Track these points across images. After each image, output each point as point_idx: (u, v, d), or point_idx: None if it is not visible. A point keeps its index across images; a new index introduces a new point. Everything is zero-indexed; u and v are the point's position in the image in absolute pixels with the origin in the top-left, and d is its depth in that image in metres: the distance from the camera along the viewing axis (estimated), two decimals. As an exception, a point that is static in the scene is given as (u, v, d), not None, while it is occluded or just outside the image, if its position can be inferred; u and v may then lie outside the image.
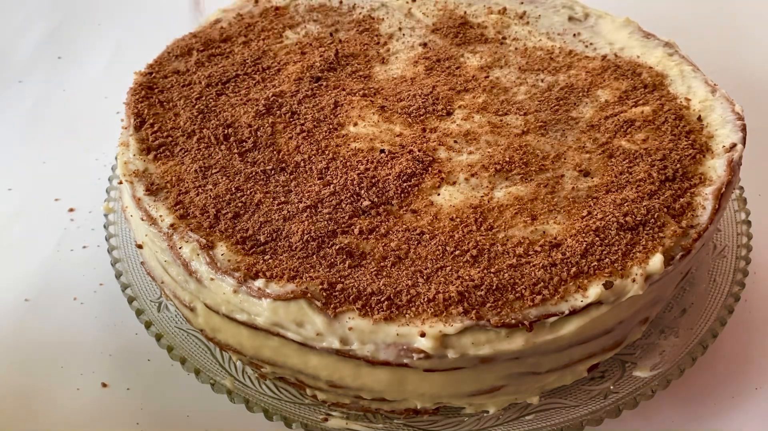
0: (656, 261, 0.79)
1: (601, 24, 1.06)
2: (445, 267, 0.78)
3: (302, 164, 0.88)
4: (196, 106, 0.94)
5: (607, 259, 0.79)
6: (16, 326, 0.98)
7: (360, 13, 1.08)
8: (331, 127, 0.92)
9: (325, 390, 0.84)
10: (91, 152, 1.19)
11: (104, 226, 1.01)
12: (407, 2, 1.09)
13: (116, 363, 0.94)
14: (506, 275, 0.77)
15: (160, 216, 0.83)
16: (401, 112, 0.94)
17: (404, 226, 0.82)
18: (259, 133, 0.91)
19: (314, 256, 0.80)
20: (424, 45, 1.03)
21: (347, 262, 0.79)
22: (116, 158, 0.97)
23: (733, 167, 0.87)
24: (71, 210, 1.12)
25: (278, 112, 0.94)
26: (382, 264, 0.79)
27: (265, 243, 0.81)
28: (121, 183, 0.91)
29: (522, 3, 1.10)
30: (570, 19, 1.07)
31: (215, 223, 0.82)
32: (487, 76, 0.98)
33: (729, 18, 1.45)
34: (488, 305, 0.76)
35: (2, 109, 1.28)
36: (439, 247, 0.80)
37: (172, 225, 0.82)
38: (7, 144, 1.22)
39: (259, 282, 0.77)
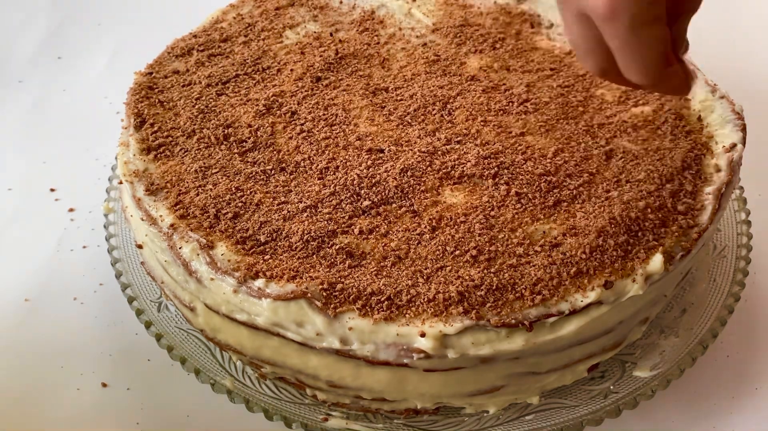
0: (656, 261, 0.79)
1: (601, 24, 1.06)
2: (445, 267, 0.78)
3: (302, 164, 0.88)
4: (196, 106, 0.94)
5: (607, 259, 0.79)
6: (16, 326, 0.98)
7: (360, 13, 1.08)
8: (331, 126, 0.92)
9: (325, 390, 0.84)
10: (91, 152, 1.19)
11: (104, 226, 1.01)
12: (407, 2, 1.09)
13: (116, 363, 0.94)
14: (506, 275, 0.77)
15: (160, 216, 0.83)
16: (401, 112, 0.94)
17: (404, 226, 0.82)
18: (259, 133, 0.91)
19: (314, 256, 0.80)
20: (424, 45, 1.03)
21: (347, 262, 0.79)
22: (116, 158, 0.97)
23: (733, 167, 0.87)
24: (71, 210, 1.12)
25: (278, 112, 0.94)
26: (382, 264, 0.79)
27: (265, 243, 0.81)
28: (121, 183, 0.91)
29: (521, 3, 1.09)
30: (570, 19, 1.07)
31: (215, 223, 0.83)
32: (488, 76, 0.98)
33: (729, 18, 1.45)
34: (488, 305, 0.76)
35: (2, 109, 1.28)
36: (439, 247, 0.80)
37: (172, 225, 0.82)
38: (7, 144, 1.22)
39: (259, 282, 0.78)
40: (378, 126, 0.92)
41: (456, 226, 0.82)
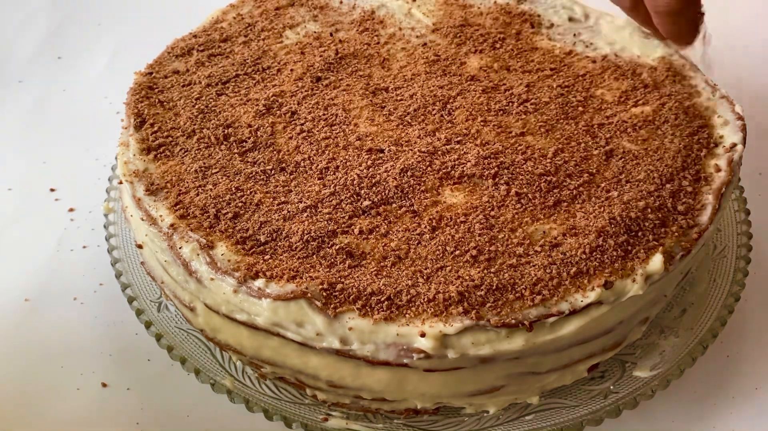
0: (656, 261, 0.79)
1: (601, 24, 1.06)
2: (445, 267, 0.78)
3: (302, 164, 0.88)
4: (196, 106, 0.94)
5: (607, 259, 0.79)
6: (16, 326, 0.98)
7: (360, 13, 1.08)
8: (331, 126, 0.92)
9: (325, 390, 0.84)
10: (91, 152, 1.19)
11: (104, 226, 1.01)
12: (407, 2, 1.09)
13: (116, 363, 0.94)
14: (506, 275, 0.77)
15: (160, 216, 0.83)
16: (401, 112, 0.94)
17: (404, 226, 0.82)
18: (259, 133, 0.91)
19: (314, 256, 0.80)
20: (424, 45, 1.03)
21: (347, 262, 0.79)
22: (116, 158, 0.97)
23: (733, 167, 0.87)
24: (71, 210, 1.12)
25: (278, 112, 0.94)
26: (382, 264, 0.79)
27: (265, 243, 0.81)
28: (121, 183, 0.91)
29: (521, 3, 1.10)
30: (570, 19, 1.07)
31: (215, 223, 0.83)
32: (488, 76, 0.98)
33: (728, 18, 1.45)
34: (488, 305, 0.76)
35: (2, 109, 1.28)
36: (439, 247, 0.80)
37: (172, 225, 0.82)
38: (6, 144, 1.22)
39: (259, 282, 0.78)
40: (378, 126, 0.92)
41: (456, 226, 0.82)
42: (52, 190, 1.15)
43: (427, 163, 0.88)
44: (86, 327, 0.98)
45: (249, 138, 0.91)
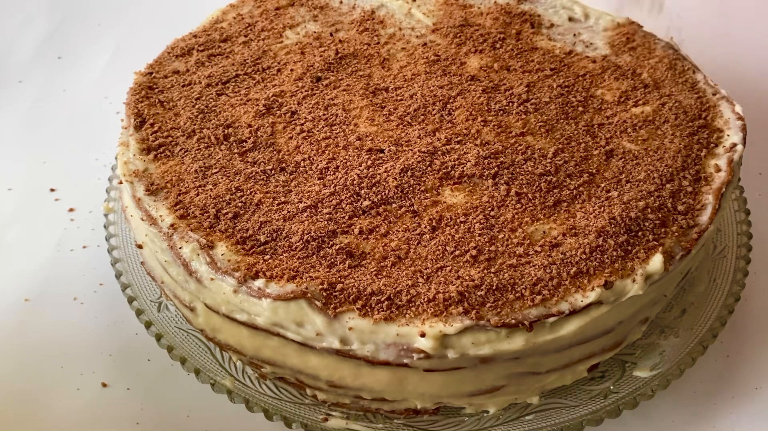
0: (656, 261, 0.79)
1: (601, 24, 1.06)
2: (445, 267, 0.78)
3: (302, 164, 0.88)
4: (196, 106, 0.94)
5: (607, 259, 0.79)
6: (16, 326, 0.98)
7: (360, 13, 1.08)
8: (331, 126, 0.92)
9: (325, 390, 0.84)
10: (91, 152, 1.19)
11: (104, 226, 1.01)
12: (407, 2, 1.09)
13: (116, 363, 0.94)
14: (506, 275, 0.77)
15: (160, 216, 0.83)
16: (401, 112, 0.94)
17: (404, 226, 0.82)
18: (259, 133, 0.91)
19: (314, 256, 0.80)
20: (424, 45, 1.03)
21: (347, 262, 0.79)
22: (116, 158, 0.97)
23: (733, 167, 0.87)
24: (71, 210, 1.12)
25: (278, 112, 0.94)
26: (382, 264, 0.79)
27: (265, 243, 0.81)
28: (121, 183, 0.91)
29: (521, 3, 1.10)
30: (570, 19, 1.07)
31: (215, 223, 0.83)
32: (488, 76, 0.98)
33: (729, 17, 1.45)
34: (488, 305, 0.76)
35: (2, 109, 1.28)
36: (439, 247, 0.80)
37: (172, 225, 0.82)
38: (6, 144, 1.22)
39: (259, 282, 0.78)
40: (378, 126, 0.92)
41: (456, 226, 0.82)
42: (52, 190, 1.14)
43: (427, 163, 0.88)
44: (86, 327, 0.98)
45: (249, 138, 0.91)
